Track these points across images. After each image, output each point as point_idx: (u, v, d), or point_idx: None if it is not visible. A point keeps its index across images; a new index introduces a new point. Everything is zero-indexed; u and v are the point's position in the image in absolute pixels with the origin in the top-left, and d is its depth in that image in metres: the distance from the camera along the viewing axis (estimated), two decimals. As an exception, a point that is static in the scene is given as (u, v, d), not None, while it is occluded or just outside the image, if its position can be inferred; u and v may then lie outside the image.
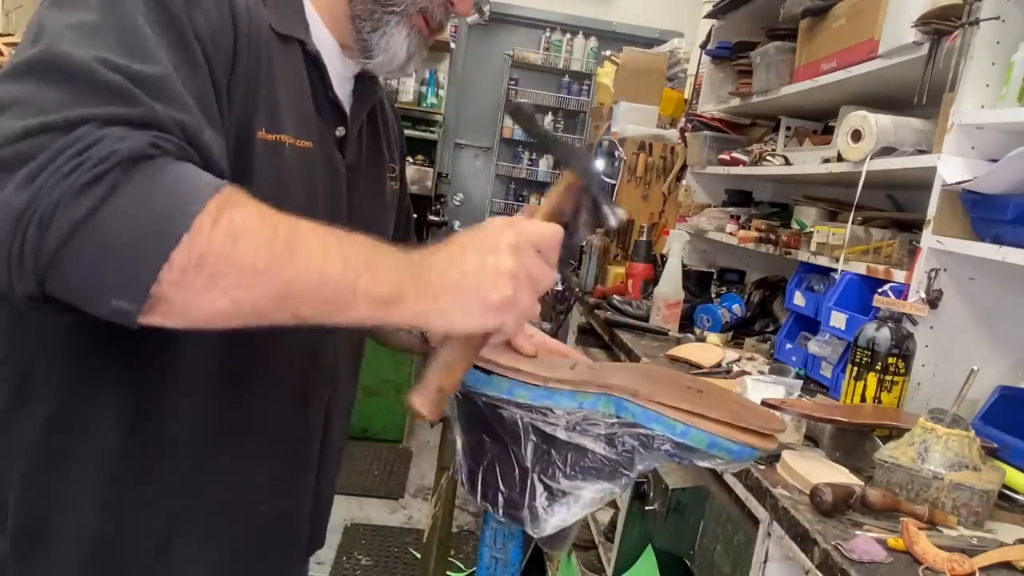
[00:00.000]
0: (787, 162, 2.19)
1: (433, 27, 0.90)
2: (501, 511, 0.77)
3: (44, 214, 0.52)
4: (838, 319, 1.62)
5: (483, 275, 0.62)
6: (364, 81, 0.95)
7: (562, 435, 0.73)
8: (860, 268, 1.64)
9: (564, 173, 0.79)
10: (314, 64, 0.84)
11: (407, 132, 5.43)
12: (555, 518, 0.74)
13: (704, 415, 0.68)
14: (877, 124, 1.59)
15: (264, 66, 0.76)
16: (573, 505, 0.73)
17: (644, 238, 2.59)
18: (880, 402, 1.32)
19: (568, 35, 5.41)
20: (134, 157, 0.55)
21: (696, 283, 2.42)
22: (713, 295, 2.46)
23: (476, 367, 0.77)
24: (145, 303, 0.55)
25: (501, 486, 0.77)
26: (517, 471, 0.76)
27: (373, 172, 0.98)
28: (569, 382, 0.74)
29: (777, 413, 1.13)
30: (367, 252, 0.62)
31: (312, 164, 0.84)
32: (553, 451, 0.74)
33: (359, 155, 0.95)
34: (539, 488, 0.74)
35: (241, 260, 0.56)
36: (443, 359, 0.67)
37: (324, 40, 0.87)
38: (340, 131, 0.89)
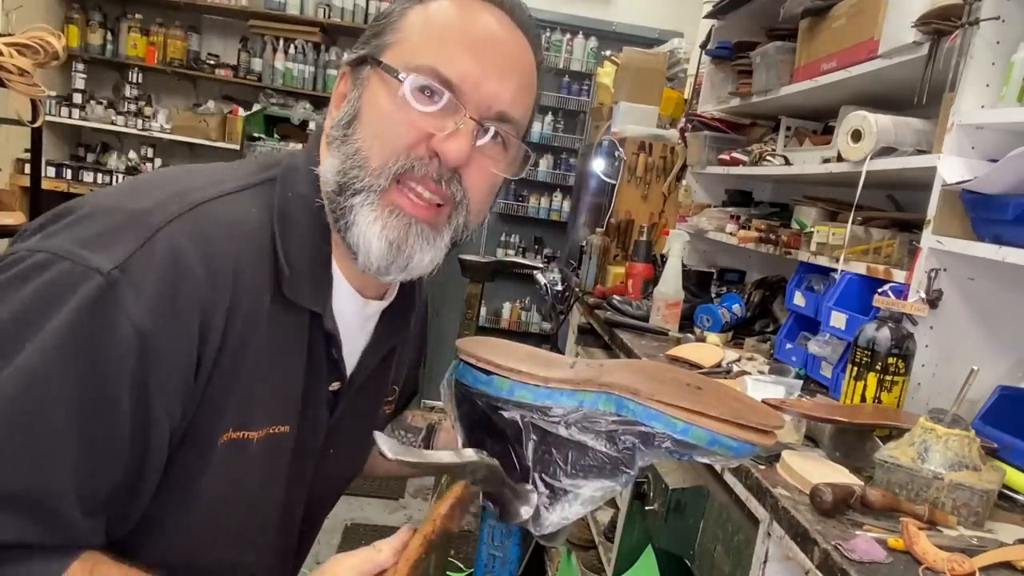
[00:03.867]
0: (787, 162, 2.19)
1: (422, 196, 0.73)
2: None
3: None
4: (838, 319, 1.62)
5: None
6: (395, 308, 0.85)
7: (563, 432, 0.73)
8: (860, 268, 1.64)
9: (452, 487, 0.72)
10: (325, 335, 0.76)
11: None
12: (556, 516, 0.74)
13: (704, 413, 0.69)
14: (877, 124, 1.59)
15: (248, 358, 0.70)
16: (574, 503, 0.73)
17: (644, 238, 2.59)
18: (880, 402, 1.32)
19: (568, 35, 5.41)
20: None
21: (696, 283, 2.42)
22: (713, 295, 2.46)
23: (476, 368, 0.77)
24: None
25: (502, 485, 0.77)
26: (518, 470, 0.76)
27: (367, 405, 0.91)
28: (570, 382, 0.74)
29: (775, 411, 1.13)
30: None
31: (281, 449, 0.77)
32: (554, 450, 0.74)
33: (356, 393, 0.86)
34: (540, 486, 0.74)
35: None
36: None
37: (344, 295, 0.78)
38: (335, 386, 0.81)
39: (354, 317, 0.80)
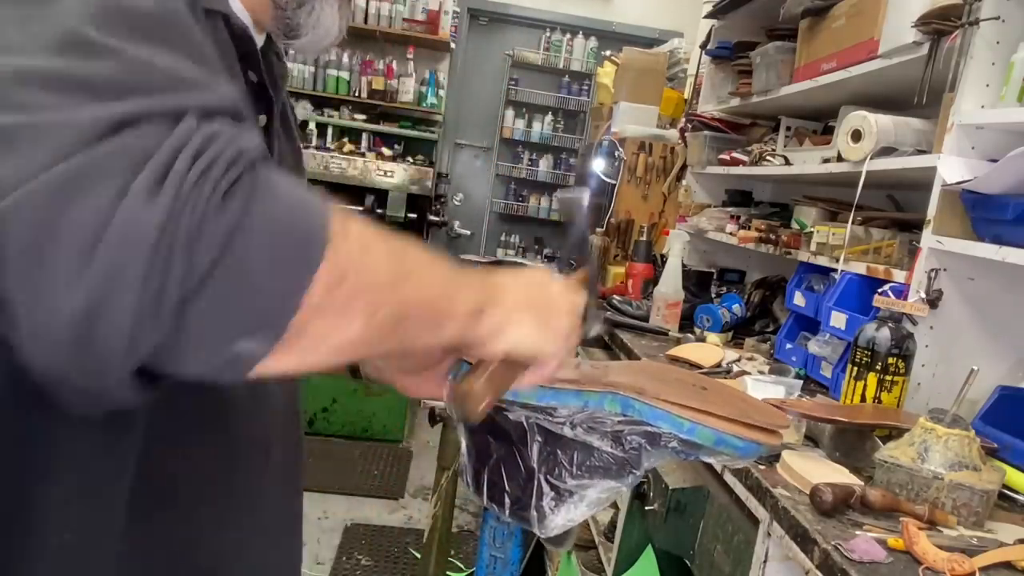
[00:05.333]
0: (787, 162, 2.19)
1: None
2: (508, 511, 0.77)
3: (191, 231, 0.40)
4: (838, 319, 1.63)
5: (556, 303, 0.65)
6: (271, 56, 0.81)
7: (568, 432, 0.74)
8: (860, 268, 1.64)
9: (580, 269, 0.78)
10: (241, 42, 0.68)
11: (407, 132, 5.33)
12: (561, 517, 0.74)
13: (710, 412, 0.69)
14: (877, 124, 1.59)
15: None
16: (579, 504, 0.73)
17: (644, 238, 2.59)
18: (880, 402, 1.32)
19: (568, 35, 5.41)
20: (259, 157, 0.46)
21: (696, 283, 2.43)
22: (713, 295, 2.46)
23: None
24: (278, 342, 0.44)
25: (507, 486, 0.77)
26: (523, 471, 0.76)
27: (292, 155, 0.86)
28: (575, 382, 0.74)
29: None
30: (450, 266, 0.58)
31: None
32: (559, 451, 0.74)
33: (281, 136, 0.80)
34: (546, 488, 0.75)
35: (373, 274, 0.49)
36: (492, 373, 0.65)
37: (238, 12, 0.72)
38: (262, 120, 0.75)
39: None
